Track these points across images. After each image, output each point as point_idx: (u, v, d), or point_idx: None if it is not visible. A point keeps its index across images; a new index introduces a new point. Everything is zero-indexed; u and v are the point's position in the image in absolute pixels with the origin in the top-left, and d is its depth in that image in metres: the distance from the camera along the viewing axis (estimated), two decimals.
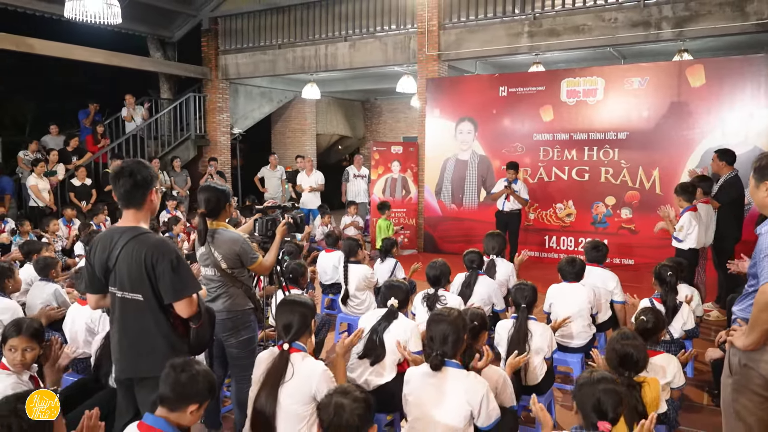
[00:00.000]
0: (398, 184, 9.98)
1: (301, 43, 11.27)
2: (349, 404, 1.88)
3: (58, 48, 9.84)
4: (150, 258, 2.40)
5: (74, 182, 9.82)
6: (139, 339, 2.46)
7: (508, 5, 9.24)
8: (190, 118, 12.39)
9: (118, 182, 2.46)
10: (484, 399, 2.52)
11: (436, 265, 4.06)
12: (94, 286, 2.60)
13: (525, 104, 8.92)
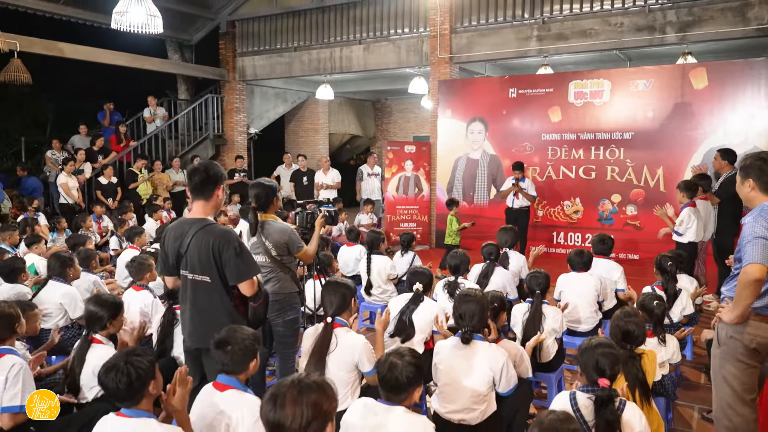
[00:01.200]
0: (411, 182, 10.36)
1: (316, 45, 11.66)
2: (401, 364, 2.26)
3: (86, 52, 10.28)
4: (217, 245, 2.80)
5: (101, 180, 10.24)
6: (208, 315, 2.86)
7: (518, 10, 9.60)
8: (209, 119, 12.81)
9: (193, 176, 2.86)
10: (505, 367, 2.91)
11: (456, 255, 4.45)
12: (168, 269, 3.01)
13: (534, 105, 9.28)
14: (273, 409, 1.70)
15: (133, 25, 5.15)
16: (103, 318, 3.16)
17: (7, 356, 2.77)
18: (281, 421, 1.68)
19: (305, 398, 1.71)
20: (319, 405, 1.71)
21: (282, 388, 1.75)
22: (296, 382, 1.76)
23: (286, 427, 1.68)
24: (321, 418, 1.71)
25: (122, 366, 2.13)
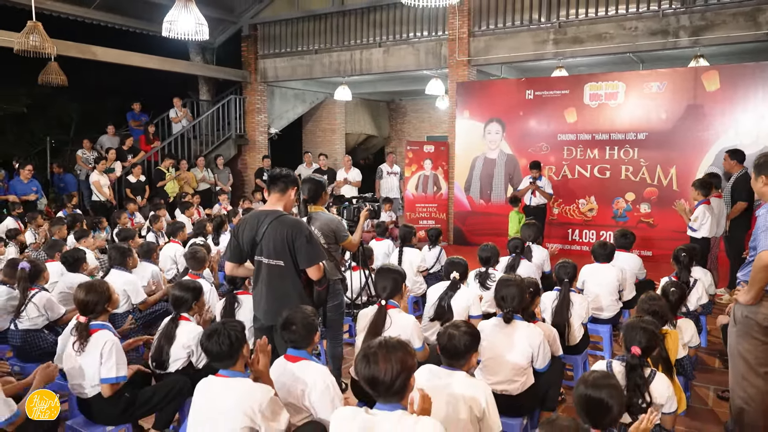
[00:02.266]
0: (430, 181, 10.71)
1: (337, 48, 12.02)
2: (458, 333, 2.60)
3: (117, 55, 10.69)
4: (290, 234, 3.17)
5: (130, 179, 10.65)
6: (280, 295, 3.22)
7: (534, 14, 9.92)
8: (231, 119, 13.19)
9: (277, 175, 3.27)
10: (542, 344, 3.25)
11: (486, 248, 4.79)
12: (236, 256, 3.37)
13: (550, 106, 9.60)
14: (367, 366, 2.06)
15: (182, 33, 5.54)
16: (188, 300, 3.54)
17: (101, 332, 3.13)
18: (376, 375, 2.03)
19: (393, 356, 2.06)
20: (405, 361, 2.07)
21: (372, 348, 2.10)
22: (384, 343, 2.12)
23: (380, 380, 2.03)
24: (406, 371, 2.06)
25: (223, 330, 2.50)
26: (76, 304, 3.17)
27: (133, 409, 3.20)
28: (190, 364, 3.52)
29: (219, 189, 11.83)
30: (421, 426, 2.01)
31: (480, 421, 2.48)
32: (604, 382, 2.19)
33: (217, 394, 2.47)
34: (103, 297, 3.17)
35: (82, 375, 3.08)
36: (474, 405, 2.46)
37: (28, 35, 6.87)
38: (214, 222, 7.31)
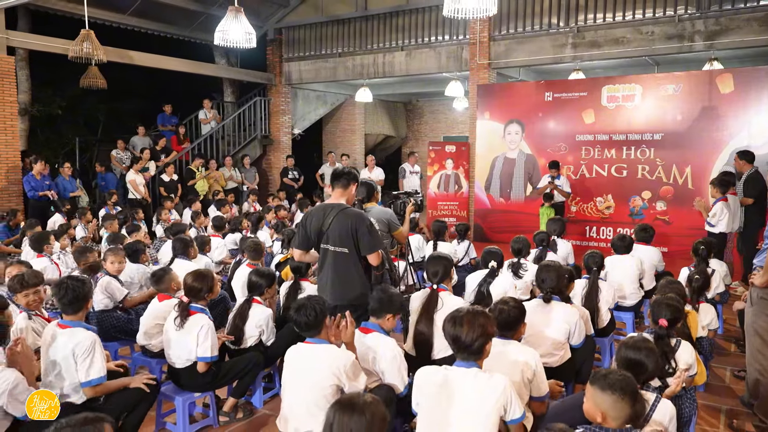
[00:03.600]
0: (451, 180, 11.11)
1: (360, 51, 12.44)
2: (507, 308, 3.01)
3: (153, 59, 11.18)
4: (354, 224, 3.58)
5: (164, 178, 11.11)
6: (345, 278, 3.64)
7: (553, 18, 10.30)
8: (256, 120, 13.65)
9: (341, 172, 3.69)
10: (578, 322, 3.65)
11: (519, 240, 5.19)
12: (304, 244, 3.80)
13: (569, 108, 9.97)
14: (453, 327, 2.49)
15: (232, 41, 5.97)
16: (262, 285, 3.97)
17: (199, 315, 3.55)
18: (458, 335, 2.46)
19: (476, 321, 2.48)
20: (485, 326, 2.49)
21: (460, 313, 2.53)
22: (471, 310, 2.54)
23: (462, 339, 2.45)
24: (485, 336, 2.48)
25: (309, 304, 2.92)
26: (185, 287, 3.59)
27: (216, 380, 3.63)
28: (262, 342, 3.95)
29: (246, 188, 12.29)
30: (495, 381, 2.42)
31: (531, 383, 2.88)
32: (642, 344, 2.59)
33: (307, 357, 2.88)
34: (207, 285, 3.59)
35: (178, 348, 3.51)
36: (526, 369, 2.87)
37: (81, 43, 7.33)
38: (253, 218, 7.74)
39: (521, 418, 2.49)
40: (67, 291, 3.01)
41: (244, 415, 3.86)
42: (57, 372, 2.97)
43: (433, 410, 2.49)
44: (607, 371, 2.28)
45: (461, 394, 2.45)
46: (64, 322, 3.05)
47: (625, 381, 2.21)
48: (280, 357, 4.18)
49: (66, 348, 2.94)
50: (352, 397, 1.93)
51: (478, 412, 2.41)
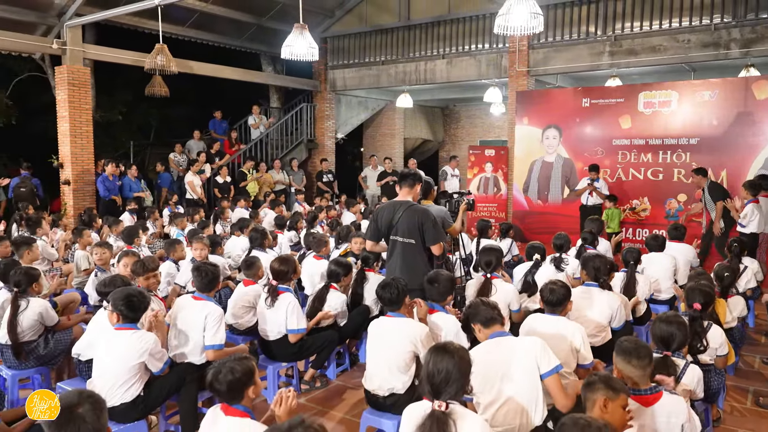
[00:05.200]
0: (490, 183, 11.58)
1: (402, 59, 13.01)
2: (556, 288, 3.50)
3: (210, 68, 11.96)
4: (420, 218, 4.13)
5: (218, 179, 11.85)
6: (411, 266, 4.18)
7: (591, 27, 10.69)
8: (301, 125, 14.34)
9: (406, 174, 4.23)
10: (619, 308, 4.13)
11: (560, 236, 5.66)
12: (375, 236, 4.37)
13: (605, 114, 10.34)
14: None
15: (296, 54, 6.59)
16: (339, 274, 4.56)
17: (286, 294, 4.16)
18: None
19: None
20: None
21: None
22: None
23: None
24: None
25: (393, 283, 3.47)
26: (272, 271, 4.21)
27: (300, 352, 4.22)
28: (336, 323, 4.52)
29: (294, 189, 12.97)
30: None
31: (578, 353, 3.37)
32: (674, 319, 3.07)
33: (388, 329, 3.44)
34: (291, 268, 4.21)
35: (270, 324, 4.12)
36: (573, 340, 3.36)
37: (155, 56, 8.06)
38: (309, 217, 8.36)
39: (554, 370, 2.90)
40: (207, 273, 3.67)
41: (321, 384, 4.44)
42: (185, 335, 3.60)
43: (486, 373, 2.98)
44: (622, 339, 2.75)
45: (501, 356, 2.95)
46: (199, 295, 3.69)
47: (635, 345, 2.67)
48: (350, 337, 4.77)
49: (199, 315, 3.57)
50: (445, 343, 2.46)
51: (516, 369, 2.90)
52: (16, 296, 4.03)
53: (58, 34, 10.13)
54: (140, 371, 3.33)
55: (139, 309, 3.37)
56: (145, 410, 3.40)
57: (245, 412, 2.37)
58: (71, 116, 10.06)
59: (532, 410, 2.89)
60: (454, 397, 2.30)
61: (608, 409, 2.31)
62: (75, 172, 10.18)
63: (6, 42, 9.59)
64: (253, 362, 2.45)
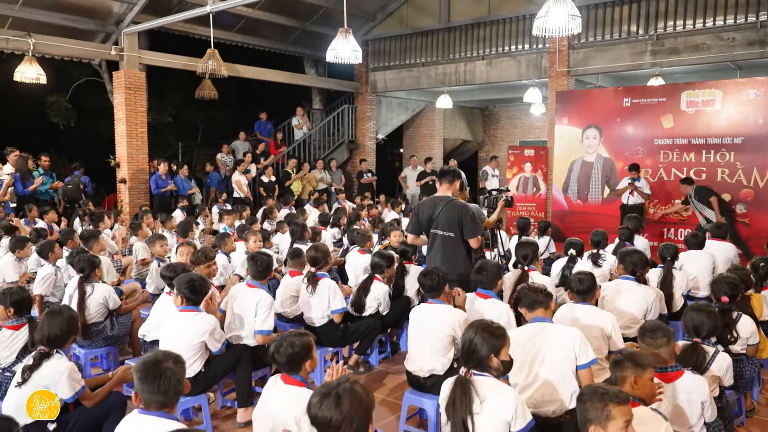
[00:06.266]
0: (530, 182, 11.66)
1: (443, 61, 13.20)
2: (585, 278, 3.66)
3: (256, 71, 12.41)
4: (459, 213, 4.34)
5: (263, 179, 12.28)
6: (451, 258, 4.39)
7: (632, 27, 10.67)
8: (343, 126, 14.69)
9: (446, 171, 4.45)
10: (654, 301, 4.25)
11: (598, 233, 5.79)
12: (416, 229, 4.60)
13: (647, 113, 10.29)
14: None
15: (341, 58, 6.89)
16: (383, 266, 4.82)
17: (324, 279, 4.44)
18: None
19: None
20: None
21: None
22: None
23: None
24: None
25: (434, 271, 3.70)
26: (308, 259, 4.49)
27: (345, 337, 4.49)
28: (378, 312, 4.77)
29: (335, 189, 13.31)
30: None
31: (609, 339, 3.52)
32: (704, 308, 3.21)
33: (428, 315, 3.66)
34: (325, 255, 4.49)
35: (314, 310, 4.40)
36: (605, 327, 3.52)
37: (207, 60, 8.49)
38: (353, 215, 8.65)
39: (590, 363, 3.08)
40: (261, 262, 3.99)
41: (364, 369, 4.70)
42: (240, 319, 3.91)
43: (524, 354, 3.17)
44: (648, 321, 2.92)
45: (539, 341, 3.14)
46: (252, 282, 4.01)
47: (654, 326, 2.83)
48: (392, 325, 5.02)
49: (252, 301, 3.88)
50: (489, 323, 2.68)
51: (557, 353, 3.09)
52: (82, 281, 4.41)
53: (116, 41, 10.72)
54: (201, 350, 3.65)
55: (200, 292, 3.69)
56: (205, 385, 3.72)
57: (302, 382, 2.64)
58: (127, 118, 10.64)
59: (566, 395, 3.07)
60: (480, 367, 2.53)
61: (638, 385, 2.49)
62: (131, 171, 10.75)
63: (69, 49, 10.22)
64: (312, 339, 2.72)
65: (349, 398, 1.98)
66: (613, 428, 2.11)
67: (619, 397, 2.13)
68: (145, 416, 2.25)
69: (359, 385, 2.06)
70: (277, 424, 2.53)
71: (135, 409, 2.29)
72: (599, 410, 2.13)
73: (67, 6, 9.92)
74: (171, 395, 2.25)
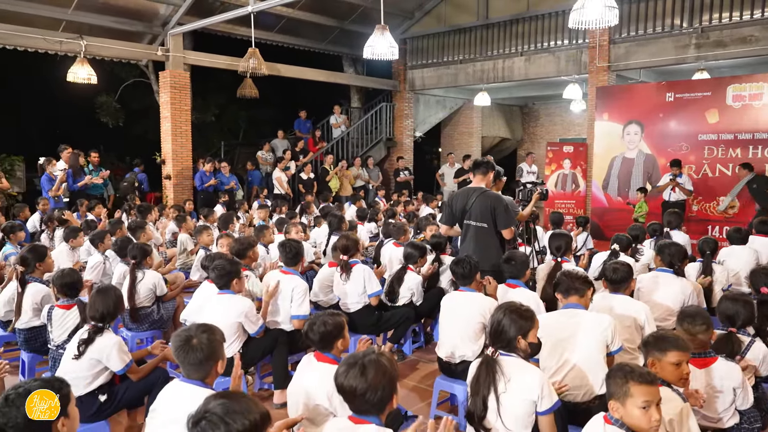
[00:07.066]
0: (569, 179, 11.52)
1: (481, 58, 13.17)
2: (620, 267, 3.65)
3: (296, 70, 12.65)
4: (492, 203, 4.38)
5: (302, 176, 12.50)
6: (484, 248, 4.43)
7: (676, 20, 10.43)
8: (380, 124, 14.81)
9: (480, 163, 4.49)
10: (692, 294, 4.19)
11: (635, 227, 5.74)
12: (449, 221, 4.66)
13: (691, 108, 10.05)
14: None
15: (377, 54, 6.99)
16: (415, 256, 4.90)
17: (358, 265, 4.56)
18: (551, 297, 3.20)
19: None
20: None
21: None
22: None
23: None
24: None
25: (466, 260, 3.76)
26: (339, 248, 4.61)
27: (379, 324, 4.58)
28: (411, 302, 4.85)
29: (372, 186, 13.44)
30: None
31: (642, 330, 3.51)
32: (740, 297, 3.17)
33: (460, 302, 3.72)
34: (357, 244, 4.60)
35: (350, 296, 4.51)
36: (637, 318, 3.51)
37: (248, 59, 8.72)
38: (388, 211, 8.76)
39: (617, 351, 3.10)
40: (291, 248, 4.13)
41: (398, 358, 4.78)
42: (276, 304, 4.05)
43: (555, 339, 3.19)
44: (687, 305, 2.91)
45: (571, 326, 3.15)
46: (286, 269, 4.15)
47: (694, 311, 2.83)
48: (425, 315, 5.09)
49: (287, 287, 4.02)
50: (518, 305, 2.73)
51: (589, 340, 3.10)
52: (134, 268, 4.64)
53: (162, 42, 11.10)
54: (238, 331, 3.80)
55: (229, 275, 3.83)
56: (243, 366, 3.86)
57: (334, 359, 2.74)
58: (172, 117, 11.00)
59: (596, 381, 3.08)
60: (507, 348, 2.58)
61: (658, 368, 2.51)
62: (175, 168, 11.11)
63: (119, 50, 10.66)
64: (344, 319, 2.82)
65: (374, 368, 2.07)
66: (630, 405, 2.13)
67: (642, 376, 2.15)
68: (184, 383, 2.41)
69: (384, 357, 2.14)
70: (310, 398, 2.64)
71: (176, 378, 2.45)
72: (620, 386, 2.16)
73: (116, 9, 10.34)
74: (205, 364, 2.39)
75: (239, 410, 1.75)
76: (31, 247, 4.45)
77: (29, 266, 4.29)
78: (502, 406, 2.54)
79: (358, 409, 2.12)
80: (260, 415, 1.79)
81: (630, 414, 2.14)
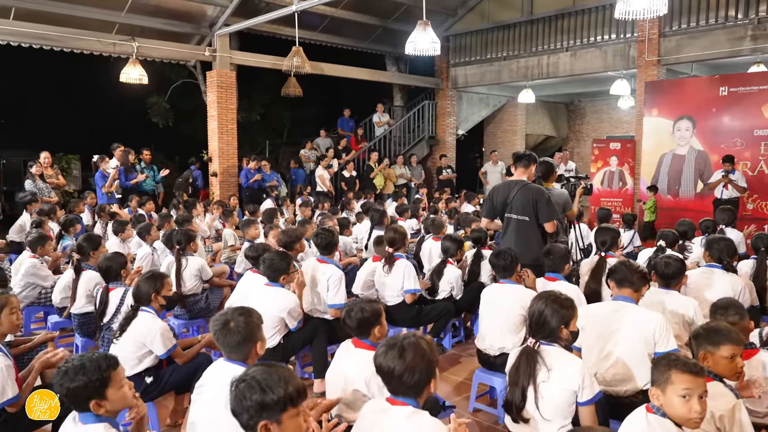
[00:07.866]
0: (615, 177, 11.24)
1: (525, 54, 12.99)
2: (671, 262, 3.54)
3: (339, 69, 12.80)
4: (534, 196, 4.32)
5: (344, 173, 12.61)
6: (525, 241, 4.38)
7: (730, 11, 10.04)
8: (423, 122, 14.79)
9: (522, 156, 4.45)
10: (742, 290, 4.07)
11: (684, 222, 5.55)
12: (490, 214, 4.62)
13: (746, 102, 9.66)
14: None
15: (419, 50, 6.99)
16: (453, 249, 4.89)
17: (401, 260, 4.57)
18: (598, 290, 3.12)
19: None
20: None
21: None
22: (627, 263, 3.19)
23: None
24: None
25: (506, 251, 3.74)
26: (386, 240, 4.65)
27: (419, 318, 4.59)
28: (452, 296, 4.83)
29: (414, 184, 13.44)
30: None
31: (691, 326, 3.40)
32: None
33: (500, 294, 3.70)
34: (404, 238, 4.62)
35: (389, 289, 4.54)
36: (685, 313, 3.40)
37: (292, 58, 8.85)
38: (430, 208, 8.76)
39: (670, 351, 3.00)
40: (323, 238, 4.20)
41: (438, 352, 4.76)
42: (316, 293, 4.12)
43: (600, 330, 3.13)
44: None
45: (617, 319, 3.08)
46: (321, 258, 4.21)
47: (726, 303, 2.76)
48: (465, 310, 5.06)
49: (323, 276, 4.08)
50: (558, 294, 2.70)
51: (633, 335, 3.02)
52: (179, 254, 4.79)
53: (210, 43, 11.39)
54: (280, 324, 3.87)
55: (278, 270, 3.90)
56: (283, 356, 3.94)
57: (371, 346, 2.76)
58: (219, 115, 11.28)
59: (641, 376, 3.00)
60: (549, 338, 2.54)
61: (710, 362, 2.43)
62: (222, 165, 11.39)
63: (168, 51, 11.00)
64: (381, 306, 2.85)
65: (412, 351, 2.09)
66: (670, 393, 2.08)
67: (687, 365, 2.09)
68: (226, 363, 2.50)
69: (424, 340, 2.16)
70: (348, 384, 2.67)
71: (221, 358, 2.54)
72: (662, 373, 2.11)
73: (166, 11, 10.66)
74: (243, 345, 2.46)
75: (277, 379, 1.83)
76: (87, 236, 4.66)
77: (84, 254, 4.48)
78: (542, 395, 2.51)
79: (396, 391, 2.14)
80: (296, 389, 1.85)
81: (669, 402, 2.09)
